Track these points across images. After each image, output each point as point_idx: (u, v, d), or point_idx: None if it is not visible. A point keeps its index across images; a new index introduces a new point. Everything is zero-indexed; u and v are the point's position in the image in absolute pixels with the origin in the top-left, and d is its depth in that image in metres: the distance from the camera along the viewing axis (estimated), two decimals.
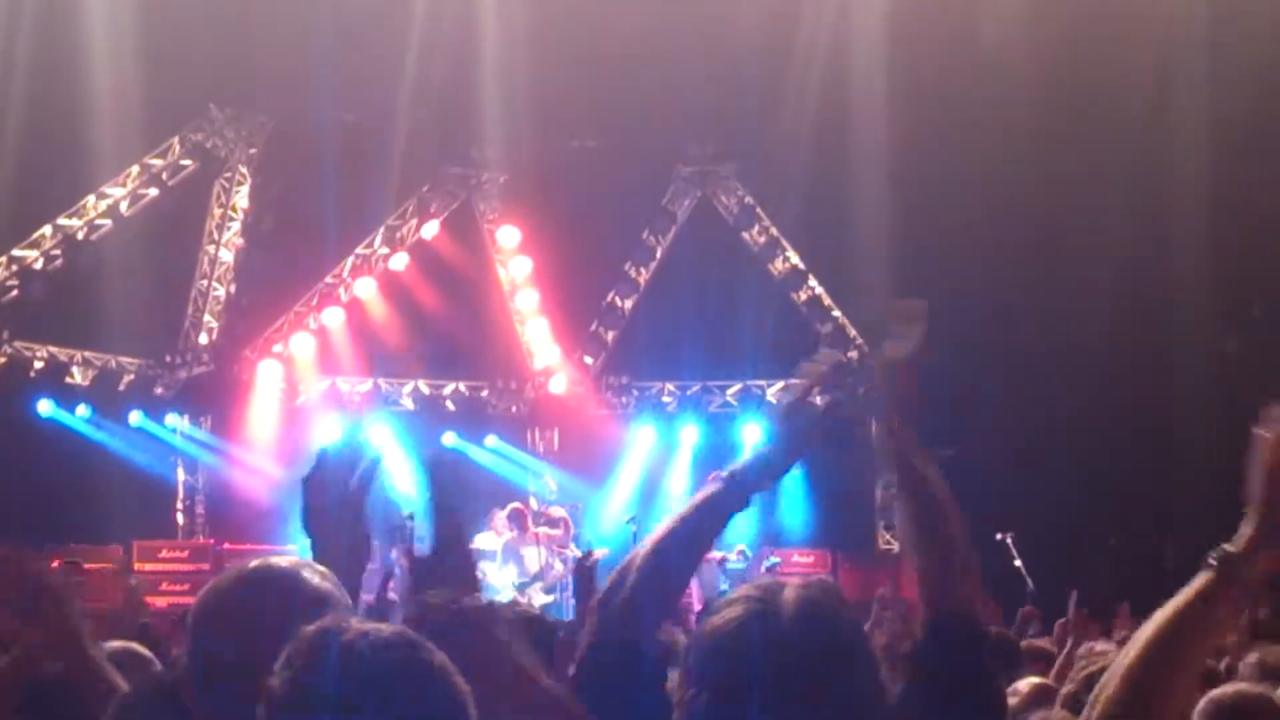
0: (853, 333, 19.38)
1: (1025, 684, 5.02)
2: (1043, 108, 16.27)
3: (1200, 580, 2.50)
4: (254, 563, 2.81)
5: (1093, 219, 16.42)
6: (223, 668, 2.64)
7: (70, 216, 17.53)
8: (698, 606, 11.86)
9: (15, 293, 17.20)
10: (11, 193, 15.81)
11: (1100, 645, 6.23)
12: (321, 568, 2.81)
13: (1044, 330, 16.93)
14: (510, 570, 14.82)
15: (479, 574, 2.97)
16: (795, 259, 19.82)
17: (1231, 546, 2.50)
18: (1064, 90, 16.40)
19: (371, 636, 2.09)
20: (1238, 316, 17.27)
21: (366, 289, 19.02)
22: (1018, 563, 12.89)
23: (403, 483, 17.64)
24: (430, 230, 19.46)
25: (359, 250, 19.13)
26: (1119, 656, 2.56)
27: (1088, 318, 16.68)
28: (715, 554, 14.16)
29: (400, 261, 19.21)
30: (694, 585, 12.65)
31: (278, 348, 18.67)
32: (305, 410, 18.77)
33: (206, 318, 18.52)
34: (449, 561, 2.78)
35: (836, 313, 19.59)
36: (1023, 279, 17.04)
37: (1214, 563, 2.49)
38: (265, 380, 18.45)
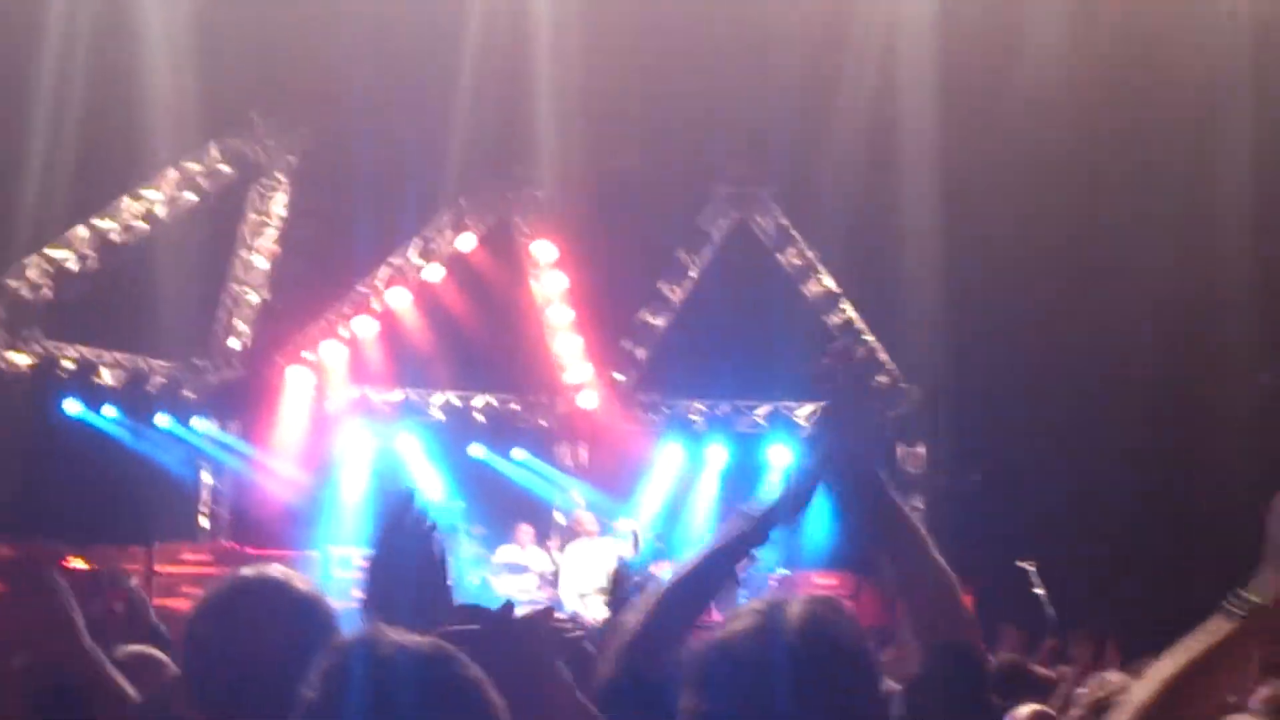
0: (884, 357, 19.28)
1: (1025, 710, 4.94)
2: (1086, 132, 16.17)
3: (1223, 627, 2.45)
4: (245, 569, 2.89)
5: (1135, 248, 16.30)
6: (217, 671, 2.72)
7: (106, 218, 17.61)
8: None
9: (48, 292, 17.28)
10: (48, 193, 15.88)
11: (1114, 675, 6.12)
12: (303, 575, 2.89)
13: (1078, 358, 16.80)
14: (576, 578, 15.01)
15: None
16: (830, 282, 19.75)
17: (1257, 596, 2.44)
18: (1108, 113, 16.28)
19: (408, 649, 2.09)
20: (1276, 350, 17.08)
21: (400, 299, 19.04)
22: (1039, 591, 12.74)
23: (431, 493, 17.76)
24: (466, 243, 19.49)
25: (393, 260, 19.16)
26: (1134, 690, 2.49)
27: (1125, 346, 16.56)
28: None
29: (435, 273, 19.23)
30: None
31: (308, 355, 18.72)
32: (333, 418, 18.82)
33: (238, 323, 18.59)
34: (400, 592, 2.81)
35: (869, 337, 19.49)
36: (1058, 306, 16.93)
37: (1238, 612, 2.44)
38: (295, 387, 18.51)
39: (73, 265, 17.39)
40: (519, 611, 2.63)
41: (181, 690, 2.84)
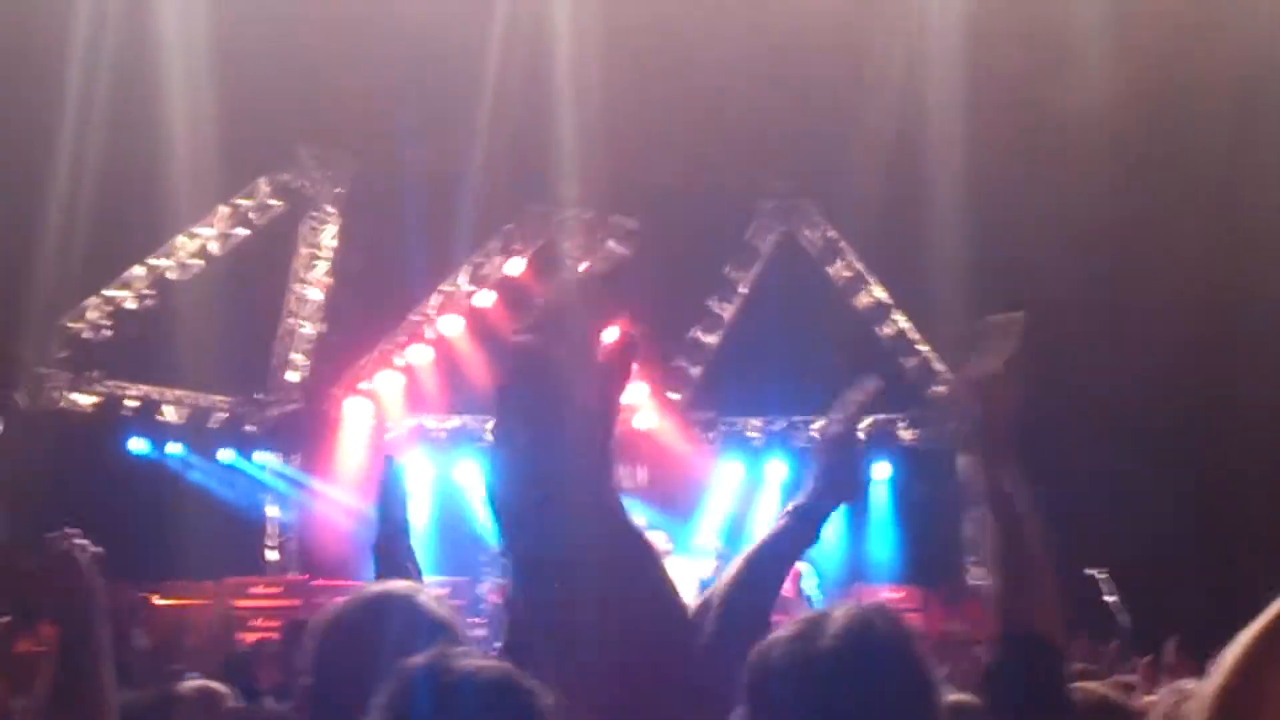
0: (939, 367, 19.25)
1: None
2: (1125, 138, 16.10)
3: None
4: (374, 588, 2.83)
5: (1175, 248, 16.21)
6: (339, 691, 2.64)
7: (161, 257, 17.80)
8: None
9: (109, 332, 17.46)
10: (103, 234, 16.02)
11: (1189, 684, 6.03)
12: (438, 594, 2.86)
13: (1131, 360, 16.71)
14: None
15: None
16: (880, 293, 19.73)
17: None
18: (1147, 120, 16.22)
19: (476, 676, 2.06)
20: None
21: (453, 326, 19.13)
22: (1111, 598, 12.65)
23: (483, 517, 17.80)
24: (515, 267, 19.56)
25: (444, 288, 19.26)
26: (1211, 676, 2.46)
27: (1175, 347, 16.45)
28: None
29: (486, 299, 19.30)
30: None
31: (365, 385, 18.83)
32: (392, 447, 18.89)
33: (295, 356, 18.72)
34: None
35: (922, 347, 19.47)
36: (1107, 309, 16.85)
37: None
38: (353, 417, 18.61)
39: (131, 304, 17.59)
40: None
41: (304, 703, 2.81)
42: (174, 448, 17.66)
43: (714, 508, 19.20)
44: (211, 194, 17.81)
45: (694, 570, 15.28)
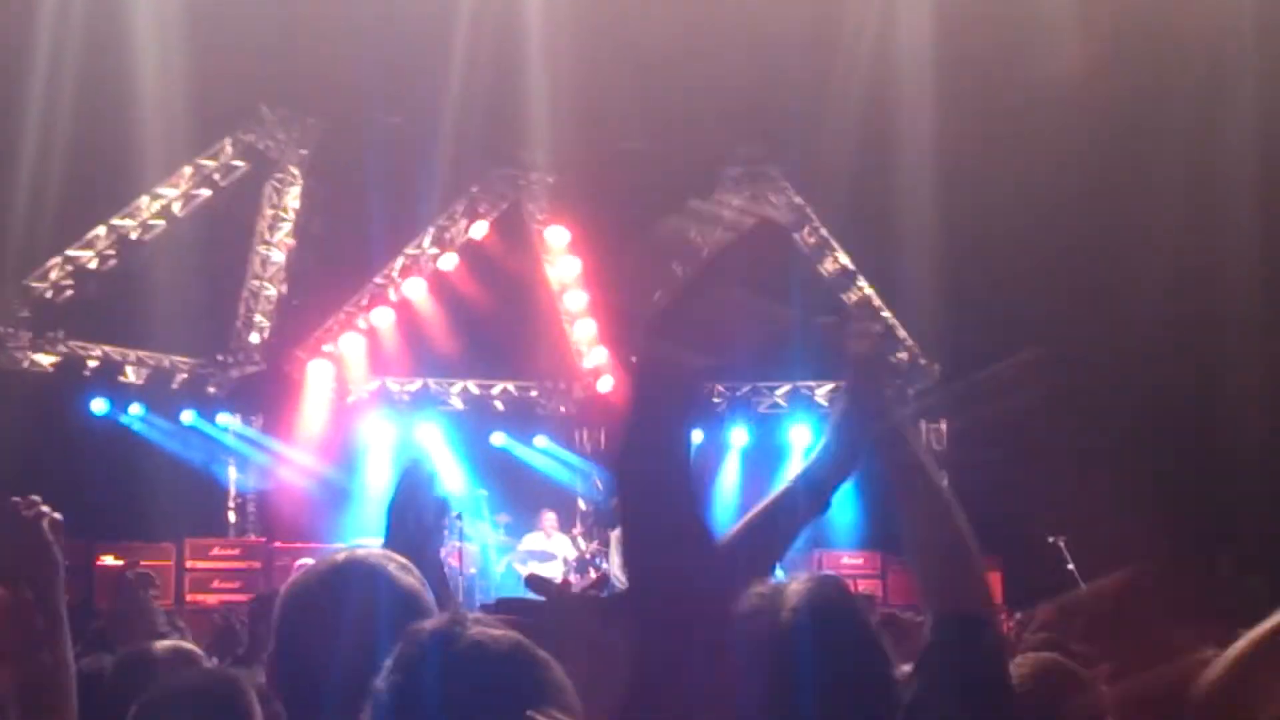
0: (903, 334, 19.33)
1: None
2: (1094, 105, 16.15)
3: None
4: (340, 555, 2.78)
5: (1144, 219, 16.29)
6: (303, 658, 2.64)
7: (124, 217, 17.70)
8: None
9: (70, 292, 17.37)
10: (65, 194, 15.93)
11: None
12: (405, 560, 2.80)
13: (1095, 332, 16.79)
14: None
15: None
16: (845, 260, 19.78)
17: None
18: (1115, 88, 16.26)
19: (487, 645, 2.02)
20: None
21: (416, 289, 19.10)
22: (1071, 566, 12.78)
23: (451, 482, 17.84)
24: (479, 231, 19.54)
25: (408, 251, 19.22)
26: (1209, 671, 2.47)
27: (1140, 320, 16.54)
28: None
29: (450, 262, 19.28)
30: None
31: (328, 347, 18.79)
32: (355, 409, 18.90)
33: (258, 317, 18.65)
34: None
35: (886, 313, 19.54)
36: (1073, 280, 16.92)
37: None
38: (316, 380, 18.57)
39: (93, 265, 17.49)
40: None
41: (269, 671, 2.79)
42: (135, 409, 17.57)
43: None
44: (176, 155, 17.70)
45: None
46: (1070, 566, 12.85)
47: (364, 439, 18.66)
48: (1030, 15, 15.99)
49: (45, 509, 3.34)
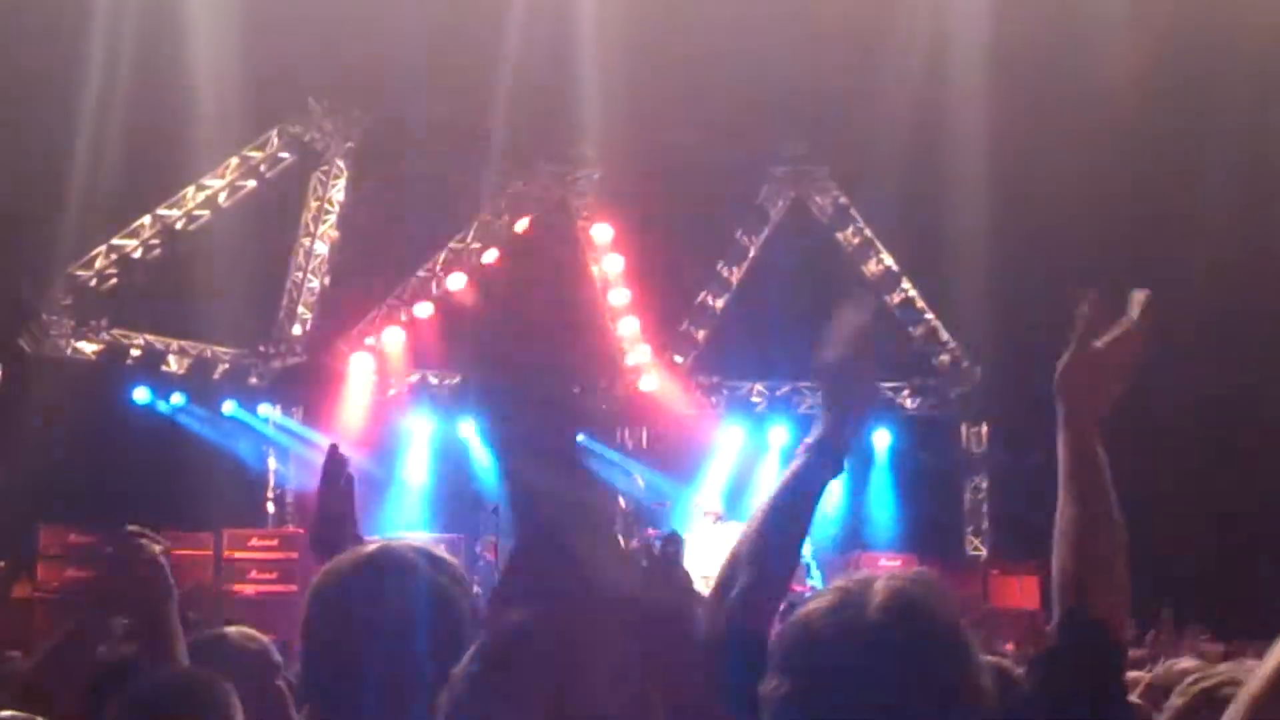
0: (945, 336, 19.22)
1: None
2: (1146, 105, 15.98)
3: None
4: (370, 549, 2.72)
5: (1195, 221, 16.10)
6: (331, 655, 2.60)
7: (169, 207, 17.78)
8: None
9: (114, 281, 17.46)
10: (113, 183, 16.02)
11: (1184, 662, 6.00)
12: (444, 553, 2.74)
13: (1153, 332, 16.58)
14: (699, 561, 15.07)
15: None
16: (889, 261, 19.68)
17: None
18: (1168, 88, 16.08)
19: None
20: None
21: (459, 283, 19.10)
22: None
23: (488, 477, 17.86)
24: (523, 226, 19.51)
25: (452, 245, 19.21)
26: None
27: (1185, 322, 16.35)
28: None
29: (493, 256, 19.27)
30: None
31: (370, 340, 18.81)
32: (396, 402, 18.92)
33: (301, 309, 18.71)
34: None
35: (929, 315, 19.43)
36: (1119, 281, 16.72)
37: None
38: (357, 372, 18.60)
39: (138, 254, 17.58)
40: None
41: (302, 670, 2.75)
42: (177, 398, 17.65)
43: (716, 472, 19.17)
44: (223, 146, 17.78)
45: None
46: None
47: (404, 431, 18.68)
48: (1082, 11, 15.84)
49: (158, 539, 3.61)
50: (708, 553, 15.47)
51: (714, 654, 2.63)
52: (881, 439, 19.13)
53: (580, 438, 2.12)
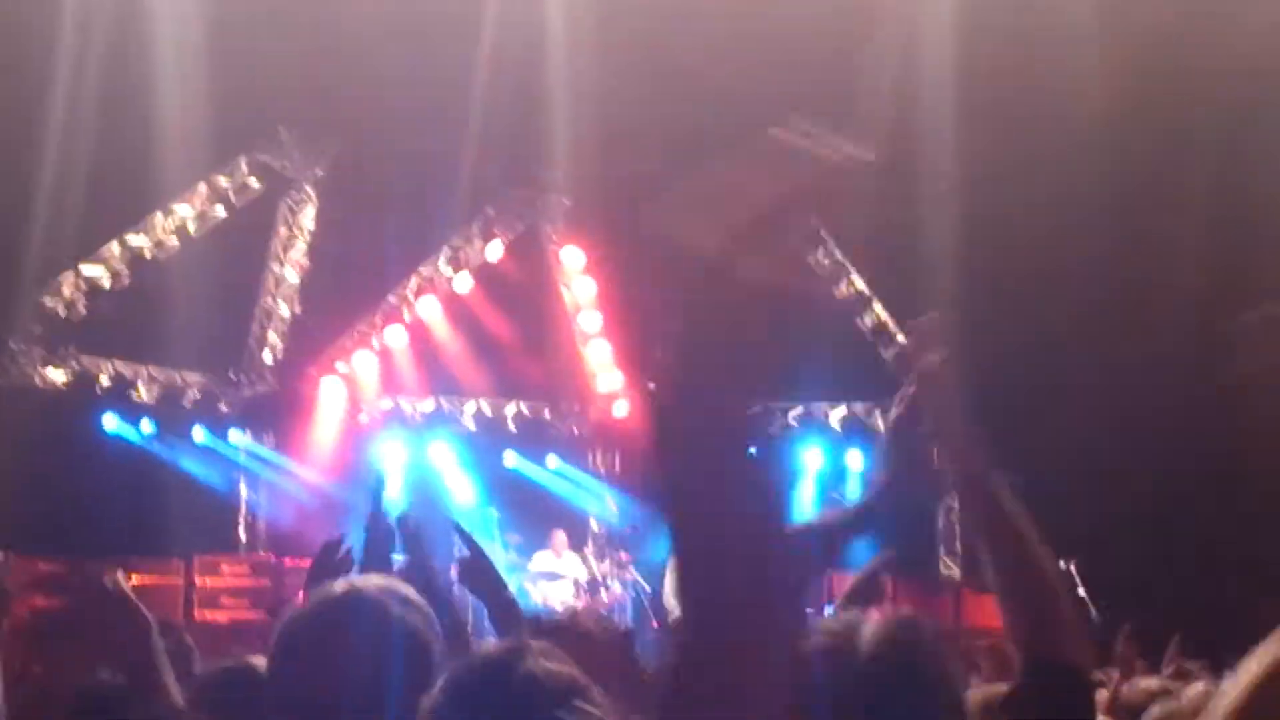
0: None
1: None
2: (1119, 128, 16.07)
3: None
4: (339, 588, 2.71)
5: (1168, 244, 16.19)
6: (300, 692, 2.59)
7: (138, 234, 17.70)
8: None
9: (83, 308, 17.37)
10: (81, 210, 15.94)
11: (1145, 681, 5.99)
12: (409, 591, 2.73)
13: (1114, 354, 16.69)
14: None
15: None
16: (861, 284, 19.71)
17: None
18: (1141, 111, 16.18)
19: (542, 681, 2.01)
20: None
21: (430, 309, 19.08)
22: (1081, 591, 12.65)
23: (461, 499, 17.84)
24: (494, 251, 19.51)
25: (422, 270, 19.20)
26: (1223, 694, 2.38)
27: (1160, 343, 16.44)
28: None
29: (464, 282, 19.25)
30: None
31: (341, 366, 18.77)
32: (367, 429, 18.86)
33: (271, 336, 18.66)
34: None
35: (901, 338, 19.47)
36: (1092, 304, 16.83)
37: None
38: (328, 398, 18.56)
39: (106, 282, 17.48)
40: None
41: (269, 702, 2.73)
42: (146, 426, 17.57)
43: None
44: (192, 173, 17.70)
45: None
46: (1080, 592, 12.72)
47: (376, 458, 18.63)
48: (1054, 35, 15.93)
49: (119, 573, 3.54)
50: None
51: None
52: (855, 459, 19.19)
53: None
